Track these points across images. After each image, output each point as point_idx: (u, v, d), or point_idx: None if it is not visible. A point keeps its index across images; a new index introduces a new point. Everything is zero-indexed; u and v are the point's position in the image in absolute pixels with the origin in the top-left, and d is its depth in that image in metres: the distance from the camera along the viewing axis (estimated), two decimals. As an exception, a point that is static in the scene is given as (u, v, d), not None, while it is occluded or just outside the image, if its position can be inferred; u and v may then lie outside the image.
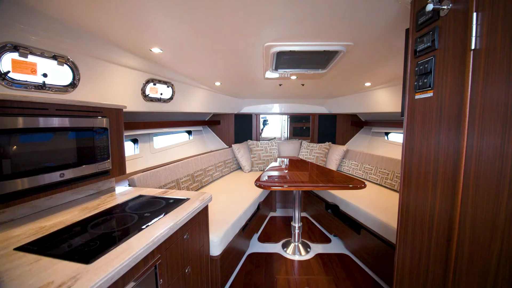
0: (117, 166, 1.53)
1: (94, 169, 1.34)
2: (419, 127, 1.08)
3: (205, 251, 1.49)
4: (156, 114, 2.66)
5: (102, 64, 1.66)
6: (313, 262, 2.24)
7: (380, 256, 1.94)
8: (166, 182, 2.13)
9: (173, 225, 1.07)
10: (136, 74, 1.96)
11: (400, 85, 2.59)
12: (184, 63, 2.05)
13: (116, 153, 1.52)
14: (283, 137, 6.73)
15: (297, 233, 2.44)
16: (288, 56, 1.96)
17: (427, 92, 1.02)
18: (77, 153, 1.24)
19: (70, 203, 1.35)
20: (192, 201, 1.36)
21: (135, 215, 1.17)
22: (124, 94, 1.93)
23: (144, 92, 2.12)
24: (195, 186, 2.54)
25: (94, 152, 1.33)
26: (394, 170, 2.64)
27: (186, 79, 2.54)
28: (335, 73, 2.36)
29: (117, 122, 1.54)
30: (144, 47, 1.67)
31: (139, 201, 1.39)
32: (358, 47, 1.69)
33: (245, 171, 3.49)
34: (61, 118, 1.16)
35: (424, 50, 1.05)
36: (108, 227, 1.06)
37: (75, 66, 1.48)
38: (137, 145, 2.51)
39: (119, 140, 1.54)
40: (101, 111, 1.42)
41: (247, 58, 1.95)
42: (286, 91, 3.23)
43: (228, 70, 2.30)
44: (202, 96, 2.98)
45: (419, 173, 1.08)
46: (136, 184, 1.83)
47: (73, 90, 1.49)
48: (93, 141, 1.33)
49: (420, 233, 1.08)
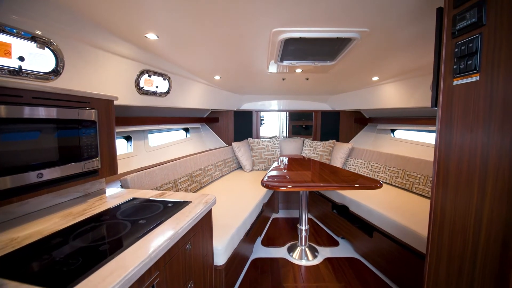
0: (107, 165, 1.35)
1: (79, 168, 1.15)
2: (459, 118, 0.92)
3: (209, 261, 1.31)
4: (151, 109, 2.47)
5: (91, 51, 1.47)
6: (322, 268, 2.09)
7: (396, 261, 1.80)
8: (162, 183, 1.94)
9: (174, 235, 0.89)
10: (129, 64, 1.77)
11: (410, 79, 2.46)
12: (182, 53, 1.87)
13: (106, 150, 1.33)
14: (281, 136, 6.56)
15: (304, 236, 2.28)
16: (295, 46, 1.80)
17: (471, 76, 0.87)
18: (59, 150, 1.05)
19: (51, 209, 1.15)
20: (194, 205, 1.18)
21: (127, 223, 0.98)
22: (116, 86, 1.74)
23: (138, 85, 1.93)
24: (194, 187, 2.36)
25: (80, 148, 1.15)
26: (404, 169, 2.50)
27: (183, 72, 2.35)
28: (343, 65, 2.20)
29: (108, 115, 1.35)
30: (139, 32, 1.49)
31: (132, 205, 1.20)
32: (374, 34, 1.54)
33: (246, 171, 3.32)
34: (40, 107, 0.97)
35: (466, 28, 0.89)
36: (94, 238, 0.87)
37: (59, 50, 1.29)
38: (130, 143, 2.32)
39: (109, 135, 1.36)
40: (88, 102, 1.23)
41: (251, 48, 1.78)
42: (289, 86, 3.07)
43: (230, 62, 2.12)
44: (200, 91, 2.80)
45: (459, 172, 0.92)
46: (130, 185, 1.64)
47: (56, 78, 1.30)
48: (78, 135, 1.14)
49: (461, 240, 0.92)
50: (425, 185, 2.25)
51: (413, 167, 2.42)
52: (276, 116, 5.57)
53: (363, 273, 2.01)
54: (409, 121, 2.80)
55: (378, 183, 1.75)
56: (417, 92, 2.45)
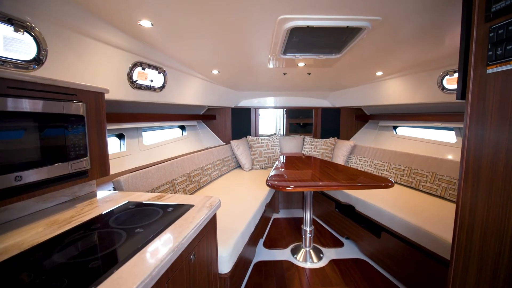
0: (98, 165, 1.21)
1: (66, 169, 1.01)
2: (495, 111, 0.83)
3: (213, 270, 1.19)
4: (145, 105, 2.32)
5: (78, 39, 1.32)
6: (329, 270, 2.00)
7: (406, 263, 1.72)
8: (159, 184, 1.80)
9: (178, 246, 0.77)
10: (121, 55, 1.63)
11: (415, 74, 2.38)
12: (179, 43, 1.73)
13: (96, 149, 1.19)
14: (278, 134, 6.44)
15: (309, 237, 2.18)
16: (300, 36, 1.69)
17: (510, 63, 0.77)
18: (42, 149, 0.91)
19: (34, 216, 1.01)
20: (198, 209, 1.06)
21: (122, 232, 0.85)
22: (106, 79, 1.59)
23: (131, 78, 1.79)
24: (192, 188, 2.22)
25: (66, 146, 1.01)
26: (411, 166, 2.43)
27: (180, 65, 2.21)
28: (348, 59, 2.10)
29: (98, 110, 1.21)
30: (132, 19, 1.35)
31: (127, 210, 1.07)
32: (385, 23, 1.44)
33: (246, 170, 3.20)
34: (17, 99, 0.83)
35: (505, 10, 0.78)
36: (84, 252, 0.74)
37: (41, 37, 1.14)
38: (123, 141, 2.17)
39: (100, 132, 1.22)
40: (75, 94, 1.09)
41: (253, 39, 1.66)
42: (289, 82, 2.96)
43: (229, 55, 1.99)
44: (197, 86, 2.66)
45: (494, 170, 0.83)
46: (123, 187, 1.50)
47: (38, 67, 1.15)
48: (64, 132, 1.00)
49: (495, 245, 0.82)
50: (433, 183, 2.18)
51: (420, 164, 2.35)
52: (272, 114, 5.44)
53: (372, 275, 1.92)
54: (413, 117, 2.74)
55: (389, 182, 1.66)
56: (422, 87, 2.38)
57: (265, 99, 3.75)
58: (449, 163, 2.11)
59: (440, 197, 2.11)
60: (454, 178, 2.02)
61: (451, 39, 1.62)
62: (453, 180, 2.03)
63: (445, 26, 1.44)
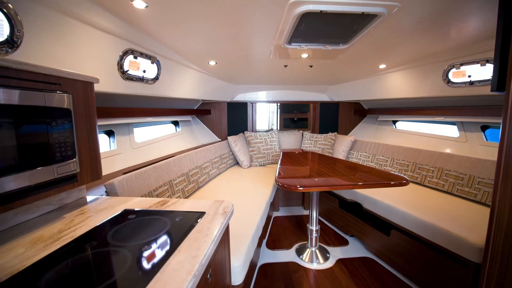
0: (89, 168, 1.03)
1: (50, 174, 0.84)
2: None
3: (226, 283, 1.06)
4: (136, 99, 2.11)
5: (61, 20, 1.12)
6: (337, 271, 1.92)
7: (419, 261, 1.66)
8: (156, 186, 1.63)
9: (199, 269, 0.63)
10: (111, 41, 1.43)
11: (419, 67, 2.31)
12: (176, 29, 1.54)
13: (86, 148, 1.02)
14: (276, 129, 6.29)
15: (315, 237, 2.09)
16: (309, 24, 1.57)
17: None
18: (19, 149, 0.73)
19: (12, 232, 0.83)
20: (211, 217, 0.92)
21: (126, 251, 0.70)
22: (93, 68, 1.40)
23: (121, 67, 1.59)
24: (191, 188, 2.06)
25: (50, 146, 0.83)
26: (415, 161, 2.39)
27: (174, 55, 2.02)
28: (355, 50, 1.99)
29: (86, 102, 1.03)
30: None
31: (127, 221, 0.91)
32: (402, 11, 1.33)
33: (244, 167, 3.06)
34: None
35: None
36: (78, 281, 0.59)
37: (14, 14, 0.94)
38: (113, 139, 1.96)
39: (90, 128, 1.04)
40: (59, 84, 0.90)
41: (257, 26, 1.51)
42: (289, 75, 2.83)
43: (229, 44, 1.82)
44: (191, 79, 2.47)
45: None
46: (118, 191, 1.32)
47: (12, 51, 0.96)
48: (46, 129, 0.82)
49: None
50: (440, 178, 2.14)
51: (425, 159, 2.31)
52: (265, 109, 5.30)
53: (381, 274, 1.87)
54: (415, 111, 2.69)
55: (404, 180, 1.58)
56: (426, 80, 2.32)
57: (262, 93, 3.60)
58: (456, 158, 2.07)
59: (448, 192, 2.08)
60: (463, 173, 1.99)
61: (458, 30, 1.54)
62: (461, 176, 2.00)
63: (457, 16, 1.35)
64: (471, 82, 1.98)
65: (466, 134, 2.29)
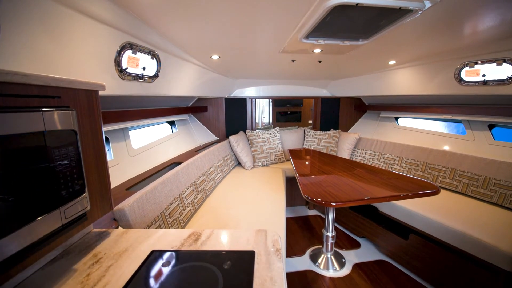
0: (99, 199, 0.82)
1: (57, 221, 0.63)
2: None
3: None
4: (131, 100, 1.84)
5: (46, 5, 0.86)
6: (356, 278, 1.86)
7: (441, 266, 1.63)
8: (168, 203, 1.42)
9: None
10: (107, 33, 1.17)
11: (429, 64, 2.24)
12: (179, 17, 1.27)
13: (95, 177, 0.80)
14: (260, 123, 6.10)
15: (331, 243, 2.01)
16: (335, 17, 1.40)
17: None
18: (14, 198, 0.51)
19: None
20: (265, 258, 0.75)
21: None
22: (88, 68, 1.14)
23: (119, 65, 1.34)
24: (200, 199, 1.87)
25: (55, 185, 0.61)
26: (426, 161, 2.36)
27: (175, 49, 1.76)
28: (370, 45, 1.84)
29: (92, 117, 0.80)
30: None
31: (162, 274, 0.72)
32: (440, 6, 1.20)
33: (247, 168, 2.89)
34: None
35: None
36: None
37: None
38: (108, 147, 1.71)
39: (98, 149, 0.82)
40: (58, 96, 0.67)
41: (275, 18, 1.31)
42: (295, 69, 2.65)
43: (237, 38, 1.58)
44: (191, 74, 2.22)
45: None
46: (129, 218, 1.09)
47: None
48: (48, 162, 0.60)
49: None
50: (453, 179, 2.13)
51: (437, 159, 2.29)
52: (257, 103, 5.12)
53: (399, 278, 1.84)
54: (420, 109, 2.66)
55: (435, 188, 1.51)
56: (437, 78, 2.26)
57: (261, 88, 3.40)
58: (470, 158, 2.06)
59: (461, 193, 2.08)
60: (477, 174, 1.98)
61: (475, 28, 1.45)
62: (475, 177, 1.99)
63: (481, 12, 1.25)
64: (485, 82, 1.94)
65: (474, 132, 2.29)
